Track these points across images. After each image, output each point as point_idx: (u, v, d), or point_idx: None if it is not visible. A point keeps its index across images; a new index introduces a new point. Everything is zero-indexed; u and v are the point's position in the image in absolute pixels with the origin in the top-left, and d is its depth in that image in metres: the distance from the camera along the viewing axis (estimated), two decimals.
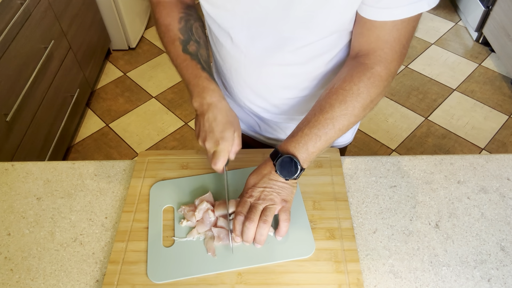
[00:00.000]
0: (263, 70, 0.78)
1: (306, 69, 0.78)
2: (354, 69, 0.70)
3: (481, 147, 2.15)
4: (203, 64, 0.76)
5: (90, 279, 0.69)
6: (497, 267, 0.69)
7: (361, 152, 2.13)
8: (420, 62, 2.64)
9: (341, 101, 0.68)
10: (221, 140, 0.72)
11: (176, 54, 0.77)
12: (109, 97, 2.47)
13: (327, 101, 0.69)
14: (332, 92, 0.70)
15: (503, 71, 2.55)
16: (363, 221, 0.76)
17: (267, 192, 0.70)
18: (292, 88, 0.83)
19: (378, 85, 0.69)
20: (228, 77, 0.86)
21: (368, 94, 0.69)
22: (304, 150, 0.69)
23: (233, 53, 0.78)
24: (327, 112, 0.69)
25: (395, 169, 0.84)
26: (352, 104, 0.68)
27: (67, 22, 2.05)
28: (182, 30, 0.77)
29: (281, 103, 0.86)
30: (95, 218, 0.78)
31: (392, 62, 0.69)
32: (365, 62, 0.69)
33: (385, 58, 0.68)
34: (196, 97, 0.74)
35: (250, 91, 0.85)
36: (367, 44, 0.69)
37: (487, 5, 2.52)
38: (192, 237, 0.72)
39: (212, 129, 0.72)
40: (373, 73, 0.68)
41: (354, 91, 0.68)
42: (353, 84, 0.68)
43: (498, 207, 0.78)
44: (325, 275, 0.67)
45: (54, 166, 0.87)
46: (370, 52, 0.68)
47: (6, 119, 1.55)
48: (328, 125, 0.68)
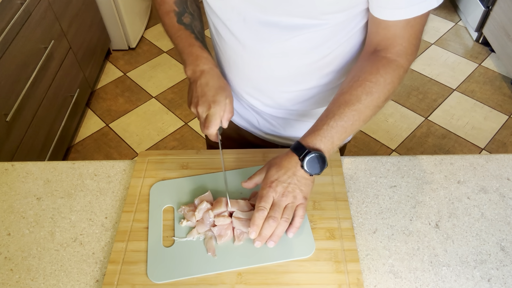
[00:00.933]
0: (261, 62, 0.78)
1: (304, 61, 0.78)
2: (377, 62, 0.71)
3: (481, 147, 2.15)
4: (196, 34, 0.79)
5: (90, 279, 0.69)
6: (497, 267, 0.69)
7: (361, 152, 2.14)
8: (420, 62, 2.64)
9: (367, 93, 0.69)
10: (213, 103, 0.73)
11: (170, 24, 0.80)
12: (109, 97, 2.47)
13: (353, 93, 0.70)
14: (357, 84, 0.70)
15: (503, 71, 2.55)
16: (363, 221, 0.76)
17: (291, 189, 0.69)
18: (290, 81, 0.83)
19: (401, 76, 0.72)
20: (227, 69, 0.86)
21: (393, 85, 0.71)
22: (330, 143, 0.69)
23: (232, 44, 0.78)
24: (353, 104, 0.69)
25: (395, 169, 0.84)
26: (378, 95, 0.70)
27: (67, 22, 2.05)
28: (177, 3, 0.81)
29: (279, 96, 0.87)
30: (95, 218, 0.78)
31: (412, 54, 0.72)
32: (387, 56, 0.71)
33: (405, 51, 0.71)
34: (189, 65, 0.77)
35: (248, 84, 0.86)
36: (385, 40, 0.71)
37: (487, 5, 2.52)
38: (192, 237, 0.72)
39: (204, 93, 0.74)
40: (397, 65, 0.71)
41: (381, 83, 0.70)
42: (380, 76, 0.70)
43: (498, 207, 0.78)
44: (325, 275, 0.67)
45: (54, 166, 0.87)
46: (389, 46, 0.70)
47: (6, 119, 1.55)
48: (354, 117, 0.69)
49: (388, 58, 0.71)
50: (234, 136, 1.05)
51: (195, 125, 2.30)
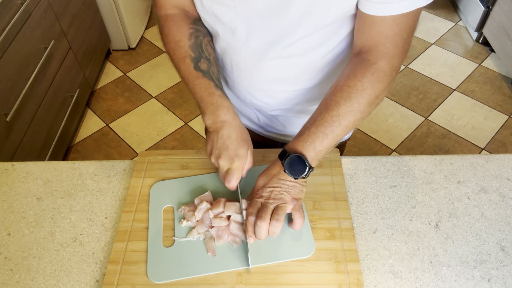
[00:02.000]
0: (263, 63, 0.79)
1: (305, 61, 0.78)
2: (357, 65, 0.70)
3: (481, 147, 2.15)
4: (215, 81, 0.75)
5: (90, 279, 0.69)
6: (497, 267, 0.69)
7: (361, 152, 2.13)
8: (420, 62, 2.64)
9: (346, 98, 0.69)
10: (235, 157, 0.71)
11: (187, 71, 0.76)
12: (109, 97, 2.47)
13: (332, 98, 0.70)
14: (337, 90, 0.70)
15: (503, 71, 2.55)
16: (363, 221, 0.76)
17: (277, 192, 0.70)
18: (291, 81, 0.83)
19: (382, 80, 0.69)
20: (228, 70, 0.86)
21: (373, 89, 0.69)
22: (311, 148, 0.69)
23: (234, 46, 0.78)
24: (332, 110, 0.69)
25: (395, 169, 0.84)
26: (357, 100, 0.69)
27: (67, 22, 2.05)
28: (192, 47, 0.77)
29: (280, 96, 0.87)
30: (95, 218, 0.78)
31: (395, 57, 0.69)
32: (368, 58, 0.69)
33: (388, 53, 0.69)
34: (209, 114, 0.73)
35: (249, 84, 0.86)
36: (369, 40, 0.69)
37: (487, 5, 2.52)
38: (192, 237, 0.72)
39: (226, 146, 0.72)
40: (376, 69, 0.69)
41: (358, 87, 0.69)
42: (357, 80, 0.69)
43: (498, 207, 0.78)
44: (325, 275, 0.67)
45: (54, 166, 0.87)
46: (373, 47, 0.69)
47: (6, 119, 1.55)
48: (335, 122, 0.69)
49: (369, 60, 0.69)
50: None
51: (195, 125, 2.30)
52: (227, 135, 0.72)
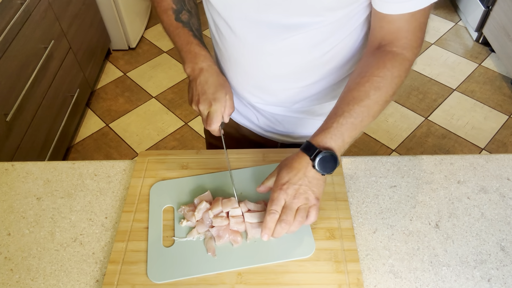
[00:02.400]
0: (262, 60, 0.79)
1: (305, 58, 0.78)
2: (383, 56, 0.71)
3: (481, 147, 2.15)
4: (194, 31, 0.80)
5: (90, 279, 0.69)
6: (497, 267, 0.69)
7: (361, 152, 2.14)
8: (420, 62, 2.64)
9: (376, 88, 0.69)
10: (213, 101, 0.75)
11: (169, 22, 0.81)
12: (109, 97, 2.47)
13: (361, 89, 0.69)
14: (365, 80, 0.70)
15: (503, 71, 2.55)
16: (363, 221, 0.76)
17: (302, 190, 0.67)
18: (291, 78, 0.83)
19: (408, 69, 0.72)
20: (228, 67, 0.86)
21: (400, 78, 0.71)
22: (341, 141, 0.68)
23: (232, 41, 0.79)
24: (362, 100, 0.69)
25: (395, 169, 0.84)
26: (386, 89, 0.70)
27: (67, 22, 2.05)
28: (175, 0, 0.81)
29: (279, 94, 0.87)
30: (95, 218, 0.78)
31: (417, 47, 0.72)
32: (393, 50, 0.71)
33: (410, 44, 0.71)
34: (188, 63, 0.78)
35: (249, 82, 0.86)
36: (389, 34, 0.71)
37: (487, 5, 2.52)
38: (192, 237, 0.72)
39: (204, 91, 0.76)
40: (403, 59, 0.71)
41: (388, 77, 0.70)
42: (387, 70, 0.70)
43: (498, 207, 0.78)
44: (325, 275, 0.67)
45: (54, 166, 0.87)
46: (394, 40, 0.70)
47: (6, 119, 1.55)
48: (364, 113, 0.69)
49: (394, 52, 0.70)
50: (234, 134, 1.05)
51: (195, 125, 2.30)
52: (204, 80, 0.76)
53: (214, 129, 0.77)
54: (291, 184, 0.67)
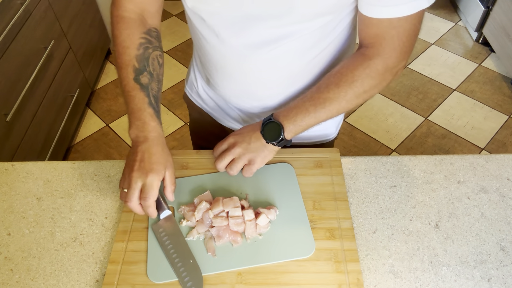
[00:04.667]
0: (250, 66, 0.78)
1: (294, 64, 0.78)
2: (354, 57, 0.73)
3: (481, 147, 2.15)
4: (151, 98, 0.74)
5: (90, 279, 0.69)
6: (497, 267, 0.69)
7: (361, 152, 2.13)
8: (420, 62, 2.64)
9: (336, 84, 0.72)
10: (150, 171, 0.68)
11: (126, 80, 0.74)
12: (109, 97, 2.47)
13: (325, 81, 0.74)
14: (331, 74, 0.74)
15: (503, 71, 2.55)
16: (363, 221, 0.76)
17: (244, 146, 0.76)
18: (279, 84, 0.82)
19: (373, 77, 0.71)
20: (214, 73, 0.86)
21: (361, 83, 0.72)
22: (292, 120, 0.73)
23: (219, 49, 0.77)
24: (321, 92, 0.73)
25: (395, 169, 0.84)
26: (344, 89, 0.72)
27: (67, 22, 2.05)
28: (138, 58, 0.75)
29: (268, 99, 0.86)
30: (95, 218, 0.78)
31: (390, 58, 0.70)
32: (365, 53, 0.72)
33: (383, 52, 0.70)
34: (134, 129, 0.72)
35: (236, 87, 0.85)
36: (368, 38, 0.71)
37: (487, 5, 2.52)
38: (192, 237, 0.72)
39: (143, 159, 0.69)
40: (369, 64, 0.71)
41: (348, 77, 0.72)
42: (349, 71, 0.72)
43: (498, 207, 0.78)
44: (325, 275, 0.67)
45: (54, 166, 0.87)
46: (370, 45, 0.71)
47: (6, 119, 1.55)
48: (320, 103, 0.73)
49: (365, 55, 0.72)
50: (219, 134, 1.03)
51: None
52: (146, 148, 0.70)
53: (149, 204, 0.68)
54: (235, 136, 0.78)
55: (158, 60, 0.77)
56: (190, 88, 1.03)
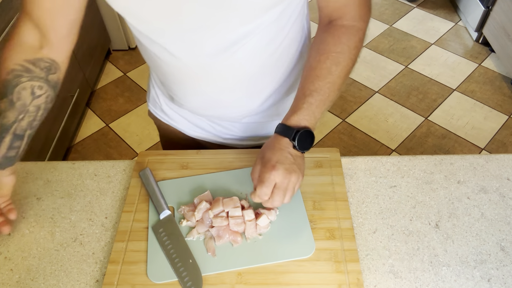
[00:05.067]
0: (212, 76, 0.76)
1: (255, 63, 0.76)
2: (337, 31, 0.73)
3: (481, 147, 2.15)
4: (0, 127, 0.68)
5: (90, 279, 0.69)
6: (497, 267, 0.69)
7: (361, 152, 2.14)
8: (420, 62, 2.64)
9: (336, 63, 0.72)
10: None
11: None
12: (109, 97, 2.47)
13: (322, 67, 0.72)
14: (325, 58, 0.72)
15: (503, 71, 2.55)
16: (363, 221, 0.76)
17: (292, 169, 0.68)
18: (244, 87, 0.80)
19: (362, 38, 0.74)
20: (175, 89, 0.83)
21: (357, 49, 0.74)
22: (313, 119, 0.71)
23: (175, 65, 0.75)
24: (325, 77, 0.71)
25: (395, 169, 0.84)
26: (346, 63, 0.72)
27: None
28: (4, 82, 0.68)
29: (235, 103, 0.84)
30: (95, 218, 0.78)
31: (366, 15, 0.74)
32: (344, 24, 0.73)
33: (360, 14, 0.73)
34: None
35: (202, 98, 0.82)
36: (337, 10, 0.73)
37: (487, 5, 2.52)
38: (192, 237, 0.72)
39: None
40: (356, 29, 0.73)
41: (346, 51, 0.72)
42: (343, 45, 0.72)
43: (498, 207, 0.78)
44: (325, 275, 0.67)
45: (54, 166, 0.87)
46: (343, 14, 0.73)
47: None
48: (330, 88, 0.71)
49: (346, 25, 0.72)
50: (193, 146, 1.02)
51: None
52: None
53: None
54: (280, 164, 0.67)
55: (33, 90, 0.70)
56: (153, 105, 1.00)
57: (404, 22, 2.97)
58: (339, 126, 2.27)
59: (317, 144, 2.18)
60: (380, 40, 2.82)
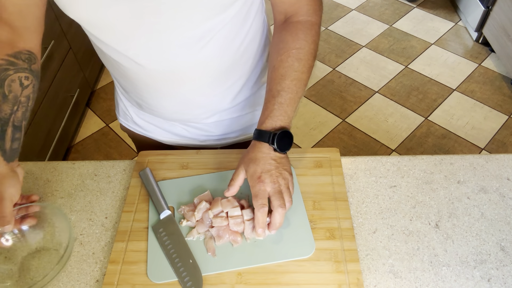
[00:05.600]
0: (180, 78, 0.76)
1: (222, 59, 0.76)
2: (294, 28, 0.75)
3: (481, 147, 2.15)
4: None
5: (90, 279, 0.69)
6: (497, 267, 0.69)
7: (361, 152, 2.14)
8: (420, 62, 2.64)
9: (299, 59, 0.73)
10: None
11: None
12: (109, 97, 2.47)
13: (285, 65, 0.73)
14: (286, 56, 0.73)
15: (503, 71, 2.55)
16: (363, 221, 0.76)
17: (278, 173, 0.69)
18: (214, 84, 0.80)
19: (318, 32, 0.76)
20: (147, 97, 0.82)
21: (315, 43, 0.75)
22: (286, 118, 0.72)
23: (143, 72, 0.74)
24: (290, 75, 0.72)
25: (395, 169, 0.85)
26: (307, 57, 0.74)
27: (67, 22, 2.05)
28: None
29: (206, 103, 0.84)
30: (95, 218, 0.78)
31: (320, 10, 0.77)
32: (299, 20, 0.75)
33: (314, 9, 0.75)
34: None
35: (173, 102, 0.82)
36: (291, 6, 0.75)
37: (487, 5, 2.52)
38: (192, 237, 0.73)
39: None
40: (311, 24, 0.75)
41: (305, 46, 0.74)
42: (302, 40, 0.74)
43: (498, 207, 0.78)
44: (325, 275, 0.67)
45: (54, 166, 0.87)
46: (297, 10, 0.75)
47: None
48: (297, 85, 0.73)
49: (300, 21, 0.74)
50: None
51: None
52: None
53: None
54: (265, 173, 0.69)
55: (21, 82, 0.72)
56: (124, 118, 0.99)
57: (404, 22, 2.97)
58: (339, 126, 2.27)
59: (317, 144, 2.18)
60: (380, 40, 2.83)
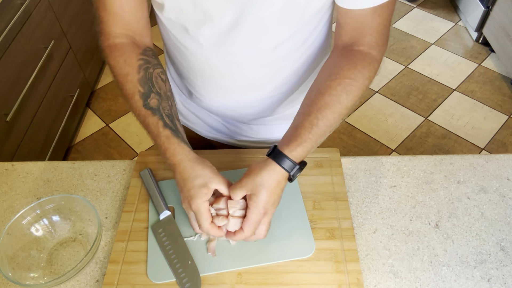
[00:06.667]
0: (239, 72, 0.76)
1: (284, 65, 0.76)
2: (352, 56, 0.69)
3: (481, 147, 2.15)
4: (165, 119, 0.70)
5: (90, 279, 0.69)
6: (497, 267, 0.69)
7: (361, 152, 2.13)
8: (420, 62, 2.64)
9: (347, 92, 0.67)
10: (190, 199, 0.66)
11: (137, 110, 0.71)
12: (109, 97, 2.47)
13: (332, 93, 0.67)
14: (336, 83, 0.68)
15: (503, 71, 2.55)
16: (363, 221, 0.76)
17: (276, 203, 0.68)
18: (269, 87, 0.80)
19: (376, 68, 0.70)
20: (198, 85, 0.82)
21: (370, 80, 0.70)
22: (312, 149, 0.68)
23: (205, 59, 0.74)
24: (333, 106, 0.67)
25: (395, 169, 0.84)
26: (356, 93, 0.68)
27: (67, 22, 2.05)
28: (141, 81, 0.71)
29: (258, 104, 0.84)
30: (95, 218, 0.78)
31: (383, 45, 0.70)
32: (360, 49, 0.69)
33: (377, 42, 0.69)
34: (163, 158, 0.70)
35: (224, 96, 0.82)
36: (353, 31, 0.69)
37: (487, 5, 2.52)
38: (192, 237, 0.72)
39: (182, 189, 0.68)
40: (372, 58, 0.69)
41: (360, 79, 0.68)
42: (358, 71, 0.68)
43: (498, 207, 0.78)
44: (325, 275, 0.67)
45: (54, 166, 0.87)
46: (360, 39, 0.69)
47: (6, 119, 1.55)
48: (335, 119, 0.68)
49: (362, 51, 0.69)
50: (204, 146, 1.01)
51: None
52: (179, 176, 0.68)
53: (206, 230, 0.66)
54: (272, 205, 0.66)
55: (160, 77, 0.73)
56: None
57: (404, 22, 2.97)
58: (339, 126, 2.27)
59: None
60: None
